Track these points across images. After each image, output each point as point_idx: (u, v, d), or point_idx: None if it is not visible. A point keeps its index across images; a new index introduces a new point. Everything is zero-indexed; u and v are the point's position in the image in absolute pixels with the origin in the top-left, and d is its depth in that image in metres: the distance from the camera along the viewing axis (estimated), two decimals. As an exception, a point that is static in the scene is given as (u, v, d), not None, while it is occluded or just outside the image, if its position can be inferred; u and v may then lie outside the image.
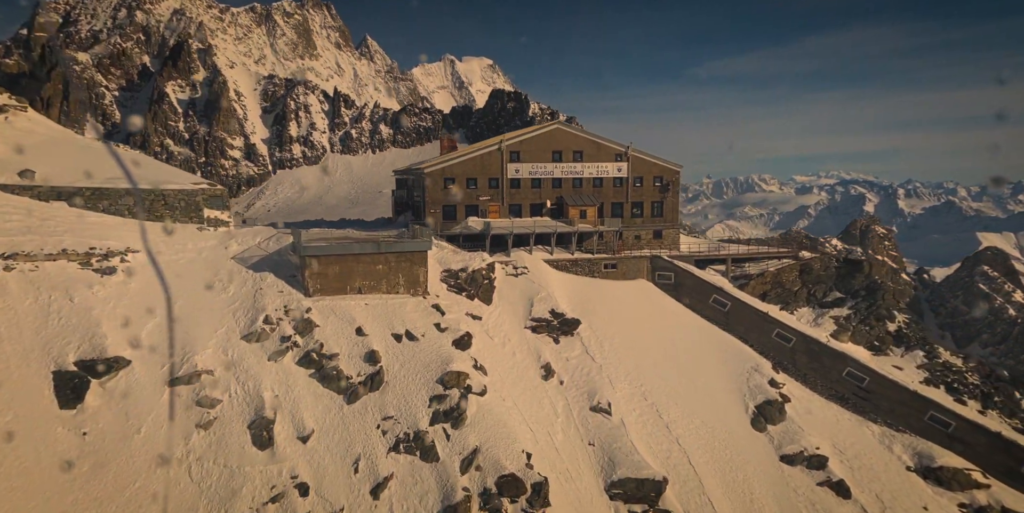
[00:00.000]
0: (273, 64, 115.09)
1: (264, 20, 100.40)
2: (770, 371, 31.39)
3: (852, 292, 36.65)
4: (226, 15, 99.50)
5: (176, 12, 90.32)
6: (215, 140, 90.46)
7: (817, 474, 26.44)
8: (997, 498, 25.08)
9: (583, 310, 32.75)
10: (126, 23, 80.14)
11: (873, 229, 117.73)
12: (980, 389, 31.08)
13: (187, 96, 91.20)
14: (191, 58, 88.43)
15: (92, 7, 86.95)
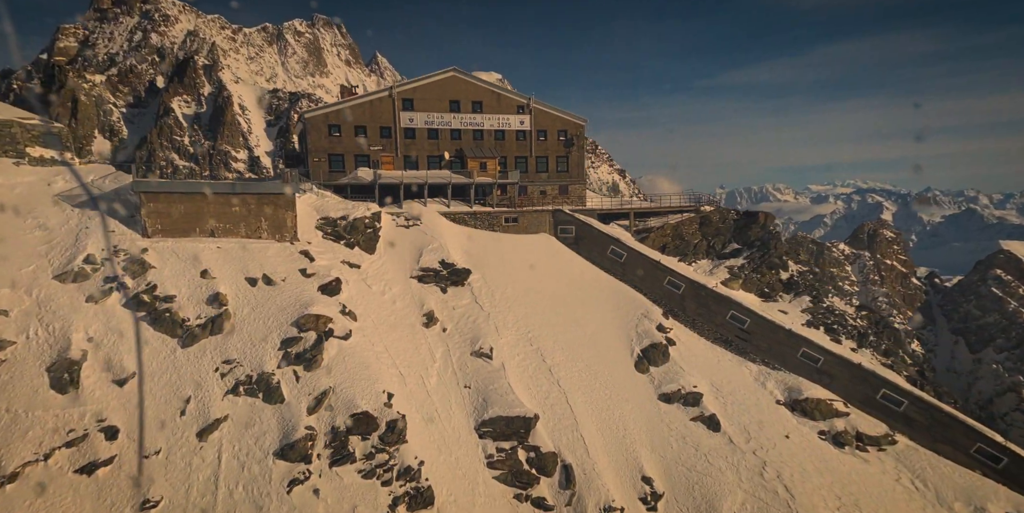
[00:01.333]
0: (284, 82, 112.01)
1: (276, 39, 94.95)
2: (660, 317, 31.90)
3: (748, 243, 37.58)
4: (239, 35, 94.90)
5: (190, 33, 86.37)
6: (219, 153, 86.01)
7: (692, 410, 27.11)
8: (854, 424, 26.43)
9: (477, 261, 32.11)
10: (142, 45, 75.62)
11: (881, 233, 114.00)
12: (858, 330, 32.64)
13: (192, 111, 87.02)
14: (196, 74, 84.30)
15: (109, 31, 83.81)
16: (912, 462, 24.86)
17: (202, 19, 69.77)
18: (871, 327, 35.68)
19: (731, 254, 37.59)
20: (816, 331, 31.67)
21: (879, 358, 31.06)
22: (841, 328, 32.26)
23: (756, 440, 25.79)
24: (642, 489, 23.35)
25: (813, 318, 32.58)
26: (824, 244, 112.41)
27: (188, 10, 69.93)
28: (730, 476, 24.18)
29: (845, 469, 24.69)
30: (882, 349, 33.00)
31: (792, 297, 34.65)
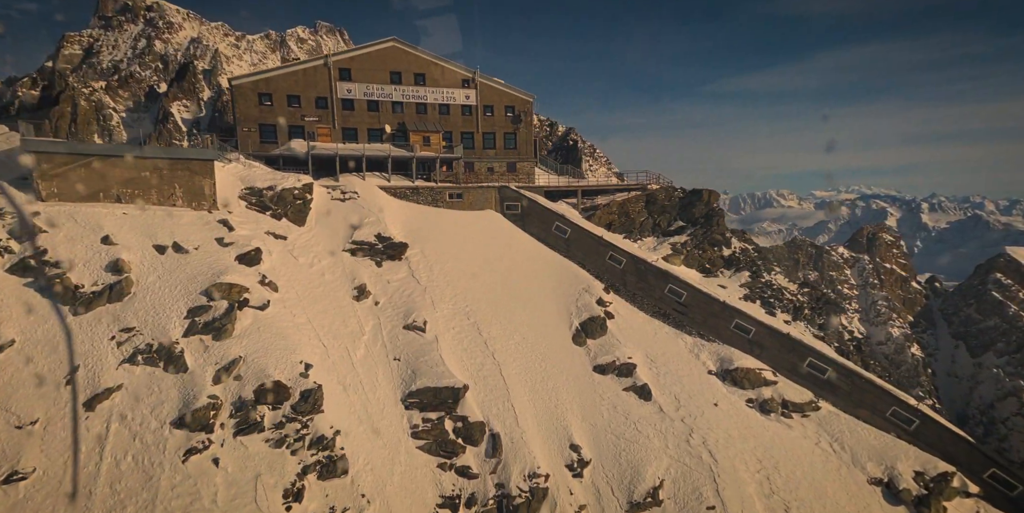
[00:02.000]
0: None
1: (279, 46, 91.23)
2: (601, 292, 31.97)
3: (693, 221, 37.94)
4: (242, 42, 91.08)
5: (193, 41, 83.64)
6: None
7: (625, 381, 27.29)
8: (780, 392, 27.06)
9: (417, 236, 31.45)
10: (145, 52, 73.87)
11: (880, 237, 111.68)
12: (794, 304, 33.39)
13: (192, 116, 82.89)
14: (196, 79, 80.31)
15: (114, 39, 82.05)
16: (833, 426, 25.62)
17: (206, 26, 68.84)
18: (811, 303, 36.64)
19: (676, 231, 37.90)
20: (752, 305, 32.26)
21: (812, 330, 31.87)
22: (777, 302, 32.94)
23: (685, 408, 26.15)
24: (569, 456, 23.39)
25: (751, 292, 33.17)
26: (823, 248, 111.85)
27: (192, 17, 69.27)
28: (657, 443, 24.46)
29: (769, 434, 25.28)
30: (817, 323, 33.88)
31: (732, 273, 35.19)
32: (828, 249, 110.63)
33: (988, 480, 22.29)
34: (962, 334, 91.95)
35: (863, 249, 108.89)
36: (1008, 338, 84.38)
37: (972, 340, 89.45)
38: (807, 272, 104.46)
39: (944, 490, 22.02)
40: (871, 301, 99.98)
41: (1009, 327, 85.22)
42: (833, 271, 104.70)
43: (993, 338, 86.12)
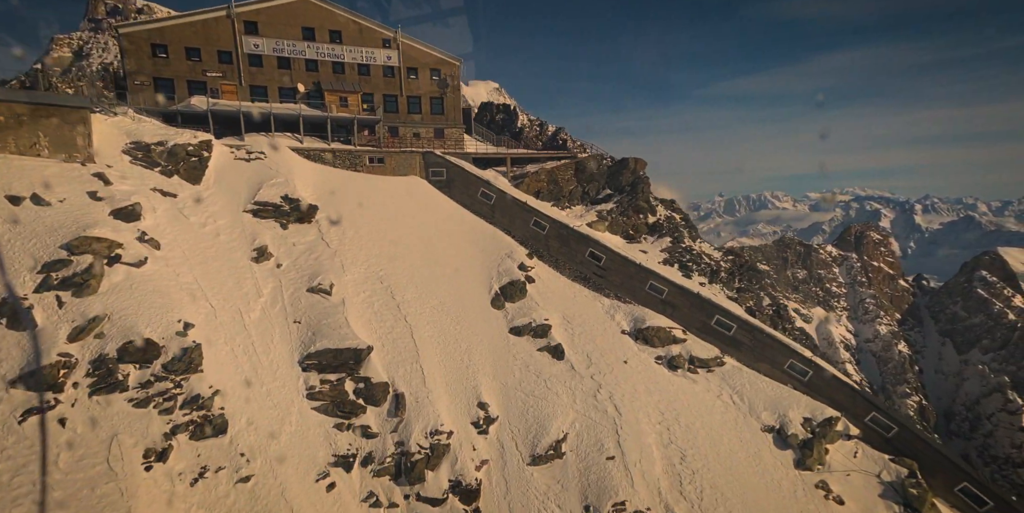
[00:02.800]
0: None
1: None
2: (523, 257, 31.79)
3: (620, 188, 38.22)
4: None
5: None
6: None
7: (539, 341, 27.33)
8: (689, 349, 27.79)
9: (331, 200, 30.16)
10: None
11: (868, 235, 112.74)
12: (711, 268, 34.25)
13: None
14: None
15: (104, 41, 75.51)
16: (735, 380, 26.55)
17: None
18: (734, 268, 37.78)
19: (604, 199, 38.11)
20: (670, 268, 32.89)
21: (726, 292, 32.83)
22: (695, 266, 33.71)
23: (596, 366, 26.45)
24: (476, 414, 23.23)
25: (670, 257, 33.79)
26: (812, 246, 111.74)
27: None
28: (565, 399, 24.65)
29: (674, 388, 25.95)
30: (735, 286, 34.91)
31: (655, 239, 35.74)
32: (817, 248, 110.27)
33: (869, 423, 23.65)
34: (948, 331, 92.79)
35: (851, 248, 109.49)
36: (993, 335, 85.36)
37: (958, 337, 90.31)
38: (796, 270, 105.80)
39: (828, 433, 23.22)
40: (859, 299, 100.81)
41: (994, 324, 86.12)
42: (821, 269, 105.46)
43: (979, 335, 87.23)
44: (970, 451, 76.79)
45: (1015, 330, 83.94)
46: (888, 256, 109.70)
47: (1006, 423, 73.41)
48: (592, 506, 20.56)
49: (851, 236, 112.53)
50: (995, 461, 72.24)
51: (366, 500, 19.02)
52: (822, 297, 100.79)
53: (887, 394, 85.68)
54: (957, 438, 79.97)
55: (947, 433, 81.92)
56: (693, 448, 23.07)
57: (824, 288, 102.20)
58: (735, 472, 22.27)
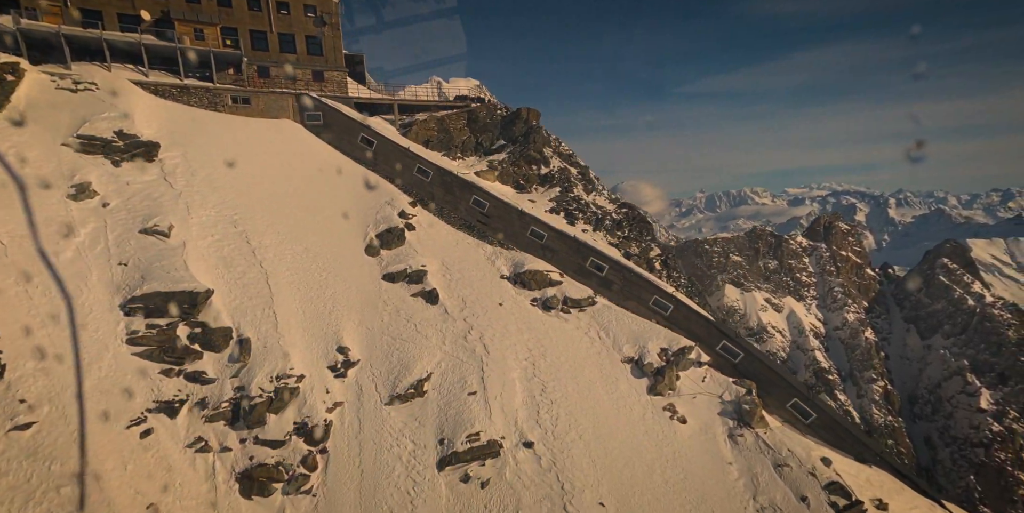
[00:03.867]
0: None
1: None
2: (405, 205, 30.59)
3: (513, 139, 37.62)
4: None
5: None
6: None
7: (414, 287, 26.61)
8: (564, 291, 28.17)
9: (181, 139, 27.25)
10: None
11: (836, 226, 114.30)
12: (596, 216, 34.74)
13: None
14: None
15: None
16: (604, 317, 27.30)
17: None
18: (623, 219, 38.66)
19: (497, 150, 37.39)
20: (555, 216, 33.01)
21: (609, 238, 33.50)
22: (581, 214, 34.06)
23: (470, 309, 26.19)
24: (334, 358, 22.29)
25: (557, 205, 33.87)
26: (782, 237, 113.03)
27: None
28: (434, 341, 24.25)
29: (545, 327, 26.27)
30: (618, 234, 35.70)
31: (545, 189, 35.67)
32: (787, 238, 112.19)
33: (719, 351, 25.18)
34: (913, 318, 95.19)
35: (820, 238, 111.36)
36: (954, 320, 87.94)
37: (922, 323, 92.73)
38: (767, 261, 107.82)
39: (681, 361, 24.50)
40: (828, 288, 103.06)
41: (955, 310, 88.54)
42: (792, 259, 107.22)
43: (940, 320, 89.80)
44: (932, 433, 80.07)
45: (974, 315, 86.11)
46: (855, 246, 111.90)
47: (965, 405, 76.69)
48: (447, 439, 20.49)
49: (820, 227, 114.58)
50: (955, 442, 75.71)
51: (192, 445, 17.73)
52: (792, 287, 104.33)
53: (855, 379, 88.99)
54: (920, 421, 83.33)
55: (911, 416, 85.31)
56: (555, 380, 23.55)
57: (794, 278, 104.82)
58: (591, 400, 23.02)
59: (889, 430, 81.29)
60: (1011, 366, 78.35)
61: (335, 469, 18.97)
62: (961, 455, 73.23)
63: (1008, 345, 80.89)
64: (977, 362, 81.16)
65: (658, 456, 21.10)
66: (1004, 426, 72.18)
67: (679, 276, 40.48)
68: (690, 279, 48.77)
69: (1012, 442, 70.47)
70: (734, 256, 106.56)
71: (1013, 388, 76.56)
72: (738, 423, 22.07)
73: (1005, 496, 66.21)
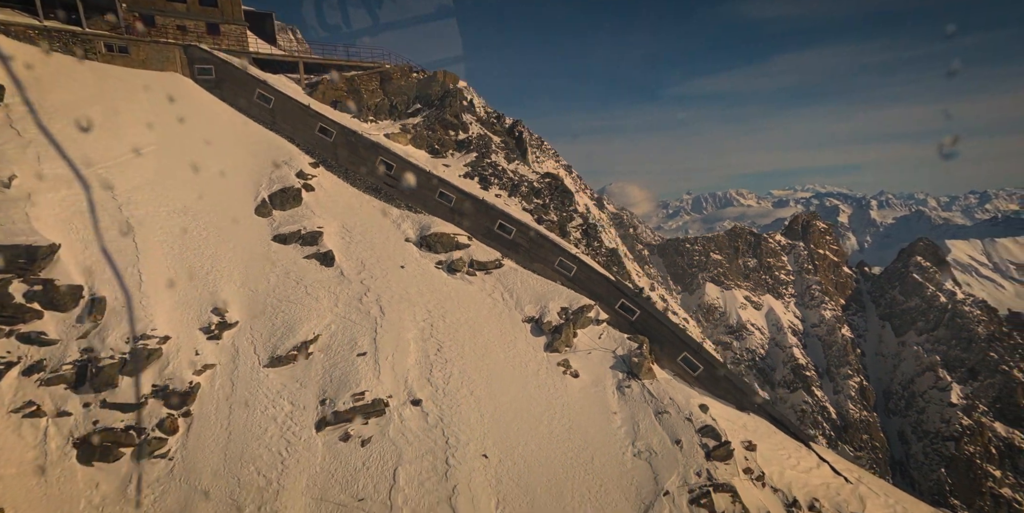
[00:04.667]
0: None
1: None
2: (305, 165, 28.90)
3: (429, 103, 36.37)
4: None
5: None
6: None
7: (308, 249, 25.25)
8: (471, 254, 27.64)
9: (35, 85, 24.37)
10: None
11: (814, 224, 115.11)
12: (512, 182, 34.27)
13: None
14: None
15: None
16: (509, 279, 27.03)
17: None
18: (543, 188, 38.43)
19: (413, 114, 36.04)
20: (470, 181, 32.28)
21: (524, 204, 33.16)
22: (496, 180, 33.48)
23: (369, 271, 25.17)
24: (209, 320, 20.76)
25: (472, 170, 33.12)
26: (761, 236, 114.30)
27: None
28: (325, 303, 23.12)
29: (448, 289, 25.69)
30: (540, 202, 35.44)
31: (462, 154, 34.78)
32: (766, 237, 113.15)
33: (618, 309, 25.49)
34: (888, 315, 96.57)
35: (798, 237, 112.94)
36: (927, 317, 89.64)
37: (896, 320, 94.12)
38: (746, 259, 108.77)
39: (580, 319, 24.62)
40: (806, 286, 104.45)
41: (928, 307, 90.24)
42: (771, 258, 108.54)
43: (914, 317, 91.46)
44: (905, 427, 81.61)
45: (945, 312, 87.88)
46: (833, 244, 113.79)
47: (936, 399, 78.40)
48: (329, 399, 19.62)
49: (798, 225, 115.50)
50: (927, 436, 77.57)
51: (19, 410, 15.97)
52: (771, 285, 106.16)
53: (831, 375, 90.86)
54: (895, 416, 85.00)
55: (886, 411, 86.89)
56: (452, 341, 23.07)
57: (773, 276, 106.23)
58: (488, 358, 22.73)
59: (864, 425, 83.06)
60: (980, 361, 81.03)
61: (198, 432, 17.71)
62: (933, 449, 75.15)
63: (978, 341, 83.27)
64: (949, 358, 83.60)
65: (547, 409, 21.12)
66: (973, 419, 74.63)
67: (599, 246, 40.92)
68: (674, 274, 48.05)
69: (981, 435, 72.73)
70: (714, 254, 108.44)
71: (982, 383, 79.69)
72: (627, 375, 22.44)
73: (974, 488, 68.60)
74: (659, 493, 17.84)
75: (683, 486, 17.94)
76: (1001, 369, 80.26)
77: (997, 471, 71.45)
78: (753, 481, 18.63)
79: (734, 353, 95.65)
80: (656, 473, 18.58)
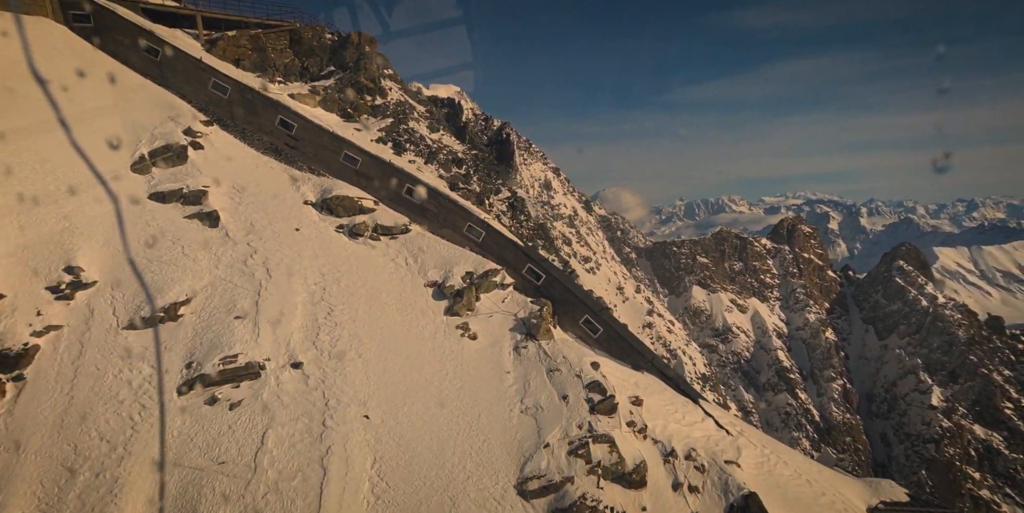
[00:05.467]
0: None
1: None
2: (196, 123, 26.72)
3: (343, 66, 34.61)
4: None
5: None
6: None
7: (191, 208, 23.39)
8: (376, 218, 26.56)
9: None
10: None
11: (799, 228, 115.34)
12: (431, 150, 33.25)
13: None
14: None
15: None
16: (415, 244, 26.17)
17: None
18: (467, 159, 37.62)
19: (326, 76, 34.19)
20: (383, 146, 31.00)
21: (441, 172, 32.26)
22: (413, 147, 32.38)
23: (258, 233, 23.62)
24: (59, 279, 18.79)
25: (386, 135, 31.84)
26: (747, 239, 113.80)
27: None
28: (204, 264, 21.48)
29: (346, 254, 24.55)
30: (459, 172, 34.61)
31: (377, 120, 33.38)
32: (752, 240, 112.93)
33: (525, 274, 25.21)
34: (871, 319, 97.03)
35: (784, 240, 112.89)
36: (909, 321, 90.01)
37: (879, 324, 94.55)
38: (732, 263, 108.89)
39: (484, 284, 24.16)
40: (791, 289, 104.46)
41: (910, 310, 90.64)
42: (756, 261, 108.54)
43: (896, 321, 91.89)
44: (888, 430, 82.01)
45: (927, 315, 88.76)
46: (818, 248, 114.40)
47: (918, 402, 78.46)
48: (196, 362, 18.23)
49: (783, 229, 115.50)
50: (908, 438, 77.89)
51: None
52: (757, 288, 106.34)
53: (815, 378, 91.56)
54: (877, 418, 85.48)
55: (869, 414, 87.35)
56: (345, 304, 22.05)
57: (759, 279, 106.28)
58: (383, 322, 21.90)
59: (847, 427, 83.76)
60: (960, 364, 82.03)
61: (31, 396, 15.98)
62: (914, 451, 75.32)
63: (958, 344, 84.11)
64: (930, 361, 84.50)
65: (439, 370, 20.58)
66: (953, 422, 75.36)
67: (526, 220, 40.65)
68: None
69: (960, 438, 73.33)
70: (701, 258, 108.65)
71: (962, 385, 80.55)
72: (526, 337, 22.21)
73: (954, 490, 68.41)
74: (540, 445, 17.71)
75: (564, 438, 17.89)
76: (980, 372, 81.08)
77: (976, 473, 71.35)
78: (635, 433, 18.84)
79: (720, 356, 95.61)
80: (540, 427, 18.44)
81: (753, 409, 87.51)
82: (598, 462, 17.13)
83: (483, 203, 32.39)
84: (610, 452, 17.47)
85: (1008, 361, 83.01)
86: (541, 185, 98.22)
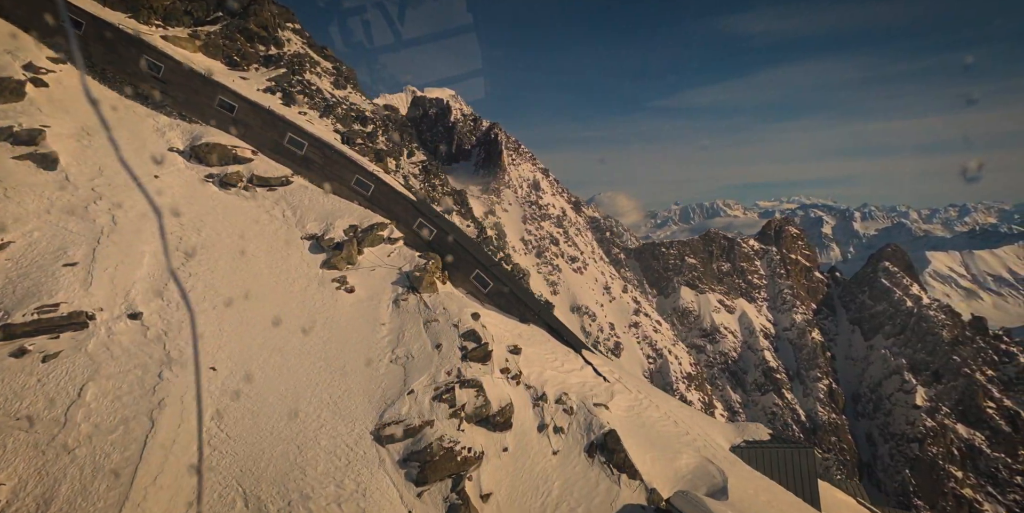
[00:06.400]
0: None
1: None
2: (42, 59, 23.69)
3: (234, 13, 31.82)
4: None
5: None
6: None
7: (21, 149, 20.60)
8: (253, 168, 24.60)
9: None
10: None
11: (787, 229, 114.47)
12: (326, 103, 31.25)
13: None
14: None
15: None
16: (296, 197, 24.47)
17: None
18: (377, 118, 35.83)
19: (212, 22, 31.30)
20: (270, 95, 28.77)
21: (338, 127, 30.43)
22: (308, 100, 30.30)
23: (107, 178, 21.16)
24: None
25: (276, 85, 29.57)
26: (735, 240, 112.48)
27: None
28: (32, 208, 18.98)
29: (213, 203, 22.53)
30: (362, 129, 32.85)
31: (269, 70, 30.96)
32: (740, 241, 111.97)
33: (415, 229, 24.14)
34: (857, 319, 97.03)
35: (771, 241, 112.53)
36: (894, 321, 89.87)
37: (865, 324, 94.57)
38: (720, 263, 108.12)
39: (368, 237, 22.92)
40: (778, 290, 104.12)
41: (895, 311, 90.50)
42: (744, 262, 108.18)
43: (882, 322, 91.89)
44: (873, 430, 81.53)
45: (912, 316, 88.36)
46: (805, 249, 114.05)
47: (902, 402, 78.88)
48: (5, 311, 15.96)
49: (771, 230, 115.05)
50: (893, 438, 77.66)
51: None
52: (744, 289, 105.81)
53: (801, 378, 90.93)
54: (863, 418, 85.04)
55: (854, 414, 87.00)
56: (204, 255, 20.19)
57: (746, 280, 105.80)
58: (247, 273, 20.24)
59: (833, 427, 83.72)
60: (944, 364, 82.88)
61: None
62: (898, 450, 75.79)
63: (942, 344, 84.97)
64: (915, 361, 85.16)
65: (306, 322, 19.25)
66: (936, 421, 75.83)
67: (441, 185, 39.44)
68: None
69: (943, 437, 73.96)
70: (689, 259, 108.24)
71: (946, 385, 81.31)
72: (408, 290, 21.23)
73: (937, 489, 69.26)
74: (404, 392, 16.88)
75: (430, 385, 17.14)
76: (964, 372, 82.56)
77: (959, 472, 72.29)
78: (508, 379, 18.38)
79: (707, 356, 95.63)
80: (407, 375, 17.60)
81: (740, 409, 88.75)
82: (462, 406, 16.52)
83: (383, 161, 30.89)
84: (476, 396, 16.90)
85: (991, 361, 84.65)
86: (530, 185, 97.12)
